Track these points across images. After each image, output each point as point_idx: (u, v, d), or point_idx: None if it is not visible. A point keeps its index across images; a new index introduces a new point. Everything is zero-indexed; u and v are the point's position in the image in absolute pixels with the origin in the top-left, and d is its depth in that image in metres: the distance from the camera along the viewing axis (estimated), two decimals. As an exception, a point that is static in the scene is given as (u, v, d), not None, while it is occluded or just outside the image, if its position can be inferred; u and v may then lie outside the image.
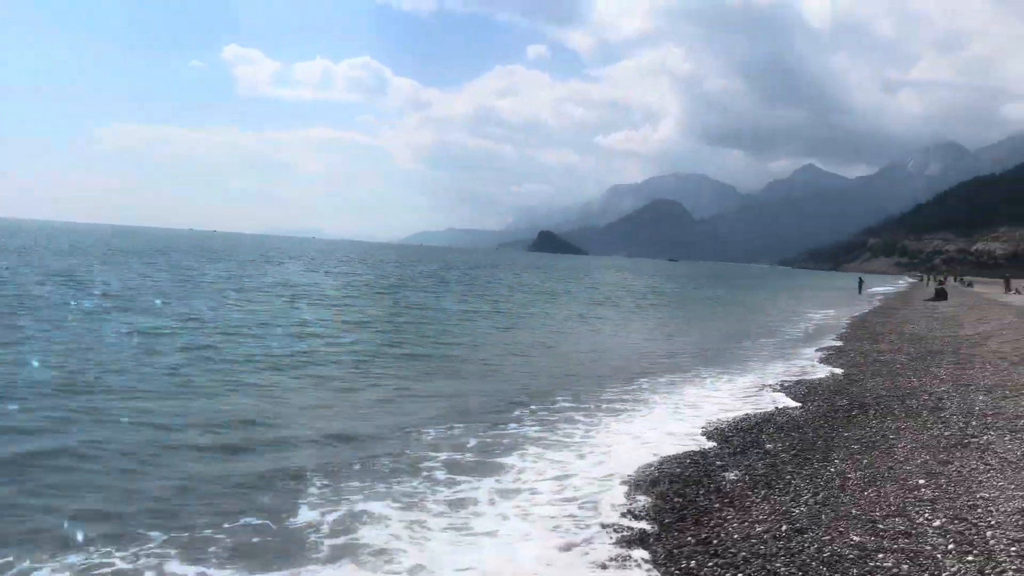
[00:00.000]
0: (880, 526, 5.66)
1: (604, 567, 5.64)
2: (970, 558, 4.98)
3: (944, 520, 5.68)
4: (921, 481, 6.78)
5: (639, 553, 5.79)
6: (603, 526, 6.41)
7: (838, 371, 14.83)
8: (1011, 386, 11.75)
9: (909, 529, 5.55)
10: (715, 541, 5.76)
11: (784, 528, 5.82)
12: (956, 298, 45.63)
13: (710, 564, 5.40)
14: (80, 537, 5.91)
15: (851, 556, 5.14)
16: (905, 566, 4.94)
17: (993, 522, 5.58)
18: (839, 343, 21.01)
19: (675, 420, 10.86)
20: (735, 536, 5.81)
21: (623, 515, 6.64)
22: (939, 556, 5.04)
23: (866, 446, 8.39)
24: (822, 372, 14.98)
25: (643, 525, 6.35)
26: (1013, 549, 5.06)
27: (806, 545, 5.42)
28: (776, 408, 11.27)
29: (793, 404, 11.48)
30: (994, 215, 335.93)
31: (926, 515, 5.82)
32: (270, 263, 66.11)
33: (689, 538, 5.89)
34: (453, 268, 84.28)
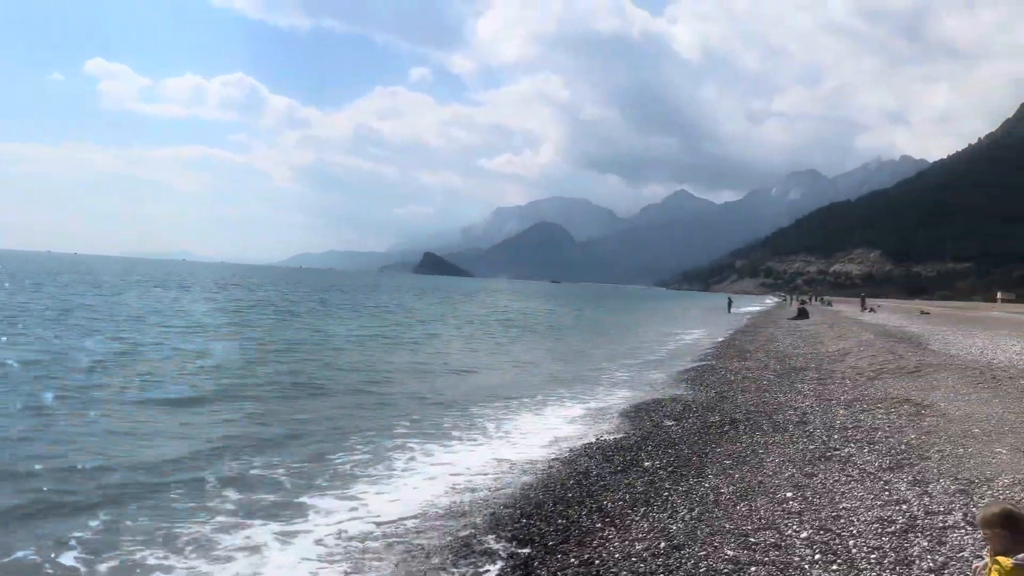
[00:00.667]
0: (752, 539, 5.85)
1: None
2: (835, 567, 5.21)
3: (811, 531, 5.93)
4: (789, 494, 7.07)
5: (522, 579, 5.74)
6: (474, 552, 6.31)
7: (711, 389, 15.39)
8: (868, 400, 12.54)
9: (779, 541, 5.75)
10: (597, 562, 5.77)
11: (663, 545, 5.91)
12: (817, 317, 48.55)
13: (593, 586, 5.41)
14: None
15: (725, 571, 5.27)
16: (776, 578, 5.12)
17: (855, 531, 5.87)
18: (711, 361, 21.87)
19: (553, 439, 10.92)
20: (616, 556, 5.85)
21: (507, 540, 6.56)
22: (807, 567, 5.24)
23: (737, 461, 8.70)
24: (695, 390, 15.51)
25: (527, 550, 6.29)
26: (873, 556, 5.34)
27: (683, 561, 5.52)
28: (653, 426, 11.54)
29: (670, 422, 11.79)
30: (849, 238, 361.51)
31: (794, 527, 6.07)
32: (119, 286, 62.47)
33: (572, 559, 5.88)
34: (329, 290, 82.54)
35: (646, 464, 8.95)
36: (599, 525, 6.71)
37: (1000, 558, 3.41)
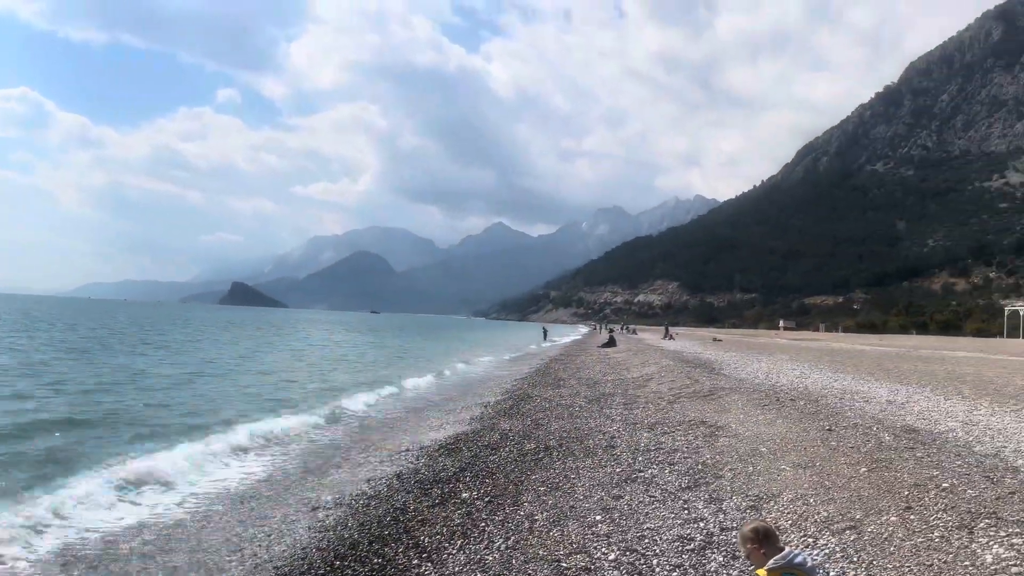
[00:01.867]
0: (564, 564, 5.98)
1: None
2: (640, 587, 5.44)
3: (618, 553, 6.17)
4: (598, 517, 7.33)
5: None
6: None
7: (527, 417, 15.72)
8: (669, 423, 13.33)
9: (589, 565, 5.93)
10: (413, 600, 5.65)
11: (479, 577, 5.91)
12: (624, 344, 51.25)
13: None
14: None
15: (540, 599, 5.35)
16: (587, 602, 5.25)
17: (658, 550, 6.18)
18: (527, 390, 22.38)
19: (371, 476, 10.67)
20: (433, 592, 5.76)
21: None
22: (615, 588, 5.43)
23: (551, 487, 8.91)
24: (512, 419, 15.78)
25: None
26: (675, 574, 5.63)
27: (499, 592, 5.54)
28: (472, 456, 11.58)
29: (488, 452, 11.89)
30: (651, 270, 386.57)
31: (603, 550, 6.28)
32: None
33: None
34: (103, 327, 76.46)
35: (464, 495, 8.94)
36: (416, 561, 6.59)
37: (759, 571, 3.86)
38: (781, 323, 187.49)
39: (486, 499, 8.62)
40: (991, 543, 5.22)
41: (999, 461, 8.58)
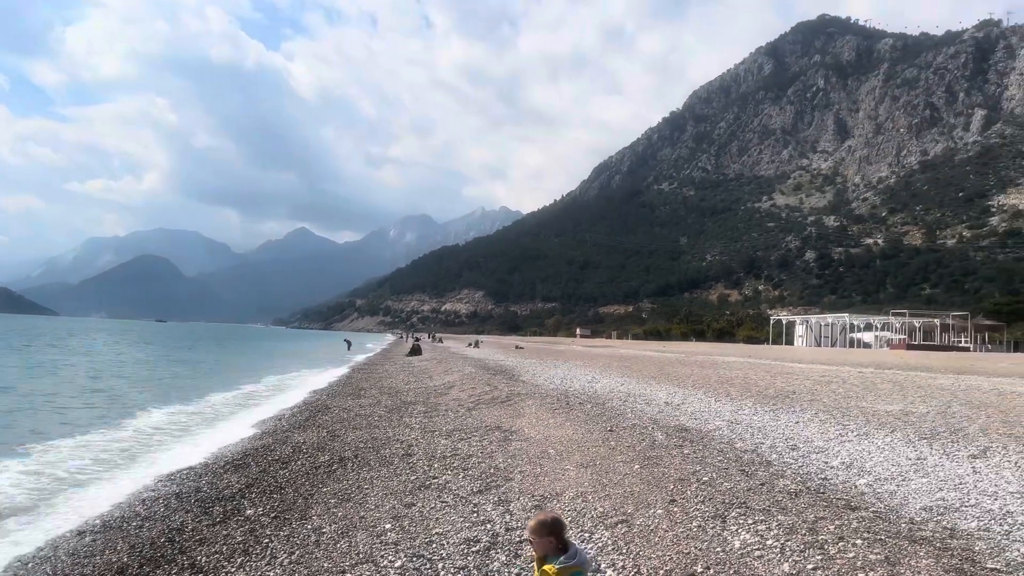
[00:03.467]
0: (349, 575, 5.91)
1: None
2: (424, 592, 5.49)
3: (405, 559, 6.19)
4: (388, 526, 7.31)
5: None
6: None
7: (323, 428, 15.34)
8: (466, 429, 13.56)
9: (375, 573, 5.90)
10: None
11: (259, 595, 5.69)
12: (429, 353, 51.47)
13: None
14: None
15: (322, 612, 5.24)
16: (370, 611, 5.22)
17: (444, 554, 6.27)
18: (326, 400, 21.85)
19: (147, 497, 9.95)
20: (208, 615, 5.47)
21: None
22: (399, 595, 5.44)
23: (342, 499, 8.76)
24: (307, 431, 15.33)
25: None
26: (460, 575, 5.75)
27: (280, 609, 5.36)
28: (260, 471, 11.12)
29: (278, 466, 11.47)
30: (458, 279, 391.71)
31: (390, 557, 6.28)
32: None
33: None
34: None
35: (248, 512, 8.56)
36: (191, 584, 6.23)
37: (546, 567, 3.97)
38: (578, 331, 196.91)
39: (272, 515, 8.31)
40: (740, 530, 5.81)
41: (756, 456, 9.55)
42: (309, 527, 7.57)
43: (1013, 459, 9.18)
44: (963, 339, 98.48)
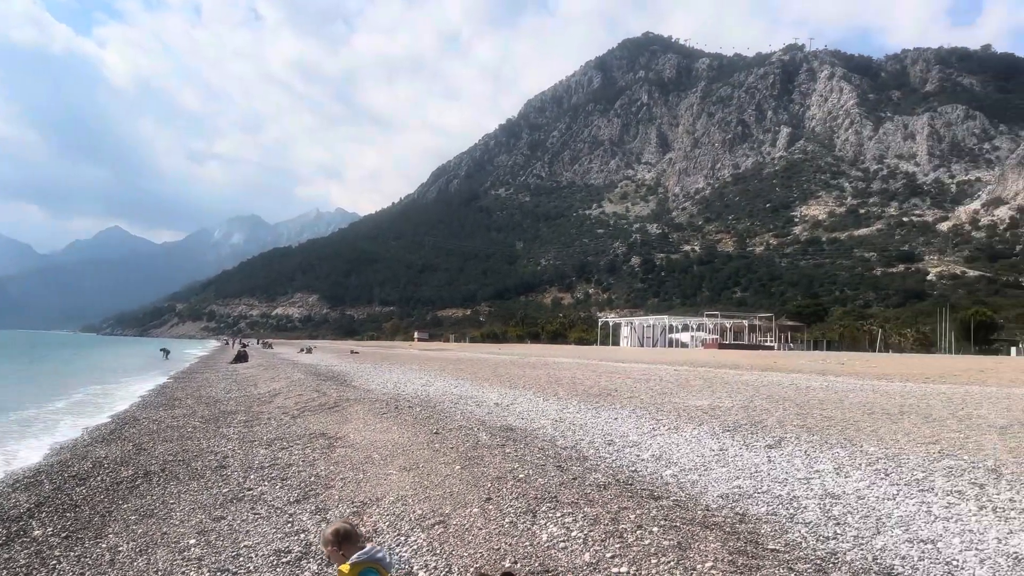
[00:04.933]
0: (144, 597, 5.53)
1: None
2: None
3: (208, 574, 5.87)
4: (193, 541, 6.91)
5: None
6: None
7: (128, 442, 14.29)
8: (289, 438, 13.10)
9: (173, 593, 5.55)
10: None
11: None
12: (257, 359, 49.33)
13: None
14: None
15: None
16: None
17: (252, 567, 6.01)
18: (134, 412, 20.38)
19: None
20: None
21: None
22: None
23: (144, 515, 8.18)
24: (110, 445, 14.23)
25: None
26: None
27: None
28: (54, 489, 10.18)
29: (74, 483, 10.55)
30: (291, 282, 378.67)
31: (192, 574, 5.93)
32: None
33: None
34: None
35: (36, 533, 7.80)
36: (-42, 618, 5.58)
37: (341, 567, 3.97)
38: (416, 335, 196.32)
39: (63, 534, 7.62)
40: (548, 523, 5.98)
41: (574, 452, 9.88)
42: (104, 546, 7.01)
43: (804, 448, 10.06)
44: (768, 338, 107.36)
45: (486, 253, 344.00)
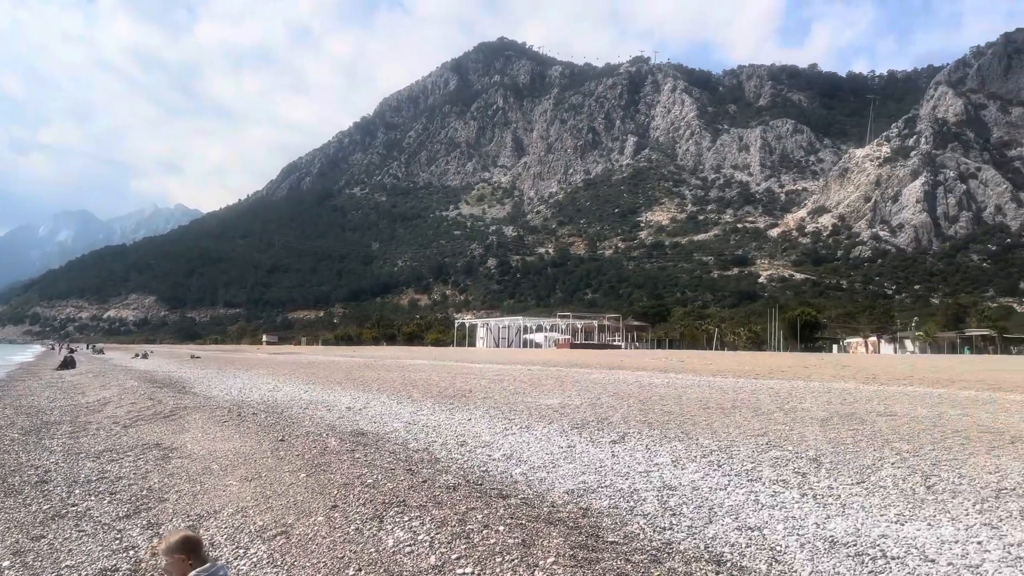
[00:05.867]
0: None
1: None
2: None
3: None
4: (7, 563, 6.34)
5: None
6: None
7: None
8: (119, 449, 12.24)
9: (-22, 624, 5.07)
10: None
11: None
12: (86, 366, 45.84)
13: None
14: None
15: None
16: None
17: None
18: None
19: None
20: None
21: None
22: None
23: (-53, 540, 7.41)
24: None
25: None
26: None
27: None
28: None
29: None
30: (125, 283, 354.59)
31: (-3, 601, 5.44)
32: None
33: None
34: None
35: None
36: None
37: None
38: (265, 338, 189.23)
39: None
40: (395, 528, 5.93)
41: (426, 454, 9.85)
42: None
43: (645, 443, 10.53)
44: (616, 338, 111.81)
45: (340, 253, 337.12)
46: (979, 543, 5.51)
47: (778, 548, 5.49)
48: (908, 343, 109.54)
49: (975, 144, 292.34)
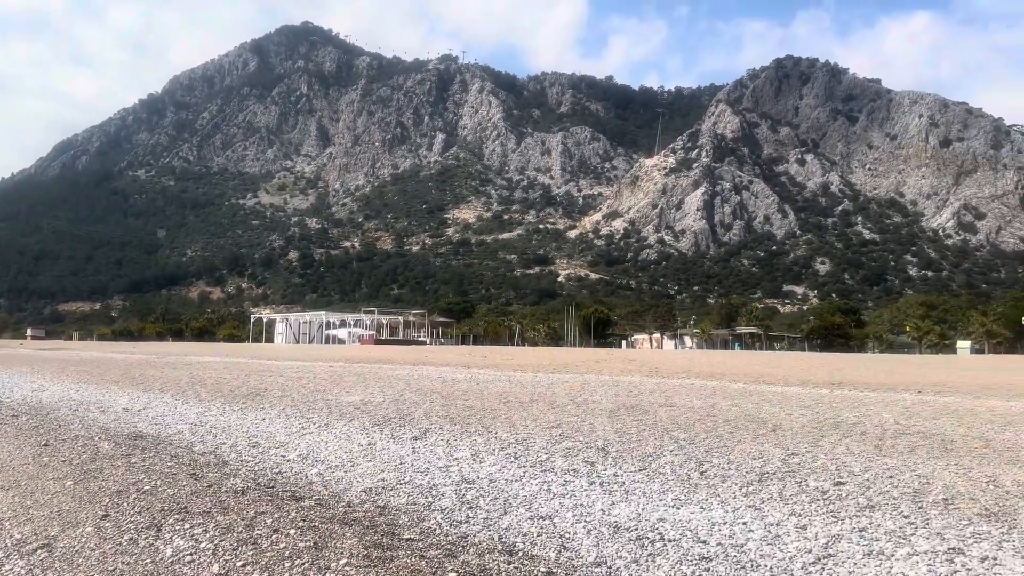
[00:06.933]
0: None
1: None
2: None
3: None
4: None
5: None
6: None
7: None
8: None
9: None
10: None
11: None
12: None
13: None
14: None
15: None
16: None
17: None
18: None
19: None
20: None
21: None
22: None
23: None
24: None
25: None
26: None
27: None
28: None
29: None
30: None
31: None
32: None
33: None
34: None
35: None
36: None
37: None
38: (29, 331, 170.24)
39: None
40: (174, 537, 5.52)
41: (213, 457, 9.25)
42: None
43: (445, 438, 10.59)
44: (422, 334, 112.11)
45: (121, 241, 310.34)
46: (744, 523, 6.05)
47: (567, 535, 5.71)
48: (687, 339, 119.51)
49: (748, 159, 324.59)
